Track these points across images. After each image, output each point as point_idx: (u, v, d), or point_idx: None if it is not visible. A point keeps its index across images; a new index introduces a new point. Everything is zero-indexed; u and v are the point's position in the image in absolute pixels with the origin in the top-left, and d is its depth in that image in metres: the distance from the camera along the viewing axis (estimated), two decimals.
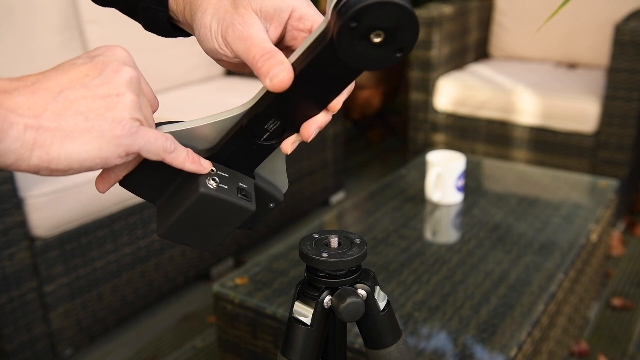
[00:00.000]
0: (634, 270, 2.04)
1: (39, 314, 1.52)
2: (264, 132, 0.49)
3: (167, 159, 0.46)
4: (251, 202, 0.51)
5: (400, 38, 0.42)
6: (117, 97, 0.42)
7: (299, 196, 2.32)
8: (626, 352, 1.66)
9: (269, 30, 0.49)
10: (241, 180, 0.51)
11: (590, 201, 1.66)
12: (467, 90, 2.45)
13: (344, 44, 0.42)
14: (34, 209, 1.48)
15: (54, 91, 0.40)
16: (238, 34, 0.47)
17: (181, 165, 0.47)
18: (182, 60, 2.44)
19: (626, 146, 2.17)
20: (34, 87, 0.40)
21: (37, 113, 0.39)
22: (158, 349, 1.72)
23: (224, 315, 1.24)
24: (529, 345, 1.10)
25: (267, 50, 0.45)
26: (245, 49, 0.47)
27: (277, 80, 0.44)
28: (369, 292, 0.58)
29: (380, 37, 0.41)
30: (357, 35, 0.41)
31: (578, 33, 2.61)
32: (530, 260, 1.31)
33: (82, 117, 0.40)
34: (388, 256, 1.32)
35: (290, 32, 0.51)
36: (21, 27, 1.96)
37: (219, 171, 0.50)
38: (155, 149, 0.44)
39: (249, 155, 0.51)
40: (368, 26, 0.41)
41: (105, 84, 0.42)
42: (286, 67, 0.44)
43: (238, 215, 0.50)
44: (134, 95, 0.43)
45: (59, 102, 0.40)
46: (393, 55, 0.43)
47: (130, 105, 0.42)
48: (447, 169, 1.52)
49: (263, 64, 0.45)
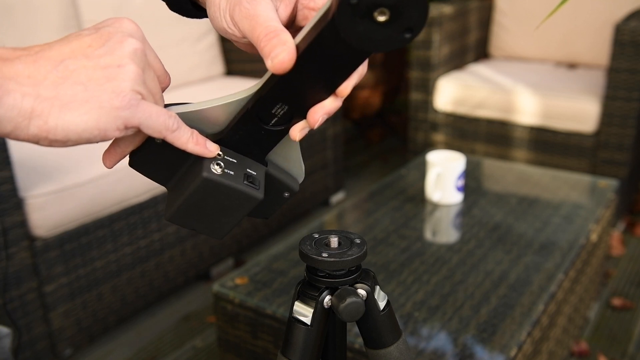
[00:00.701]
0: (634, 270, 2.04)
1: (39, 314, 1.52)
2: (271, 116, 0.47)
3: (168, 137, 0.44)
4: (259, 189, 0.48)
5: (408, 17, 0.38)
6: (118, 67, 0.41)
7: (299, 196, 2.32)
8: (626, 352, 1.66)
9: (279, 9, 0.47)
10: (251, 167, 0.49)
11: (590, 201, 1.66)
12: (467, 90, 2.45)
13: (345, 23, 0.39)
14: (34, 209, 1.48)
15: (55, 60, 0.40)
16: (245, 12, 0.45)
17: (184, 145, 0.46)
18: (182, 60, 2.44)
19: (626, 146, 2.17)
20: (36, 57, 0.40)
21: (36, 82, 0.38)
22: (158, 349, 1.72)
23: (224, 315, 1.24)
24: (529, 345, 1.10)
25: (271, 30, 0.43)
26: (251, 27, 0.45)
27: (277, 60, 0.42)
28: (369, 292, 0.58)
29: (385, 15, 0.38)
30: (358, 13, 0.38)
31: (578, 33, 2.61)
32: (530, 260, 1.31)
33: (82, 87, 0.40)
34: (388, 256, 1.32)
35: (302, 12, 0.49)
36: (21, 27, 1.96)
37: (226, 156, 0.48)
38: (157, 125, 0.43)
39: (257, 140, 0.49)
40: (370, 2, 0.38)
41: (108, 54, 0.41)
42: (288, 47, 0.42)
43: (244, 203, 0.48)
44: (136, 67, 0.41)
45: (59, 72, 0.39)
46: (401, 35, 0.39)
47: (131, 76, 0.41)
48: (447, 169, 1.52)
49: (266, 43, 0.43)
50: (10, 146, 1.43)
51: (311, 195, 2.40)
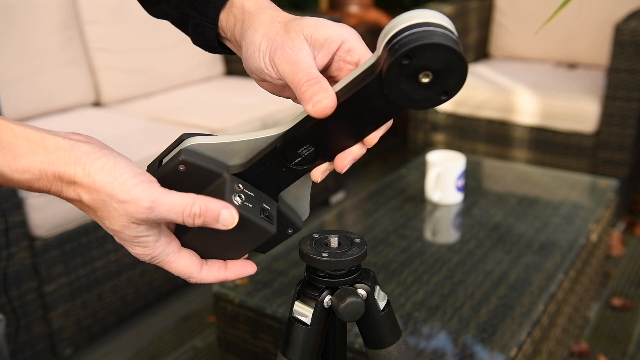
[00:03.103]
0: (634, 270, 2.04)
1: (39, 314, 1.52)
2: (296, 156, 0.49)
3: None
4: (273, 224, 0.50)
5: (447, 81, 0.42)
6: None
7: None
8: (626, 352, 1.66)
9: (317, 57, 0.50)
10: (265, 202, 0.51)
11: (590, 201, 1.66)
12: (467, 90, 2.45)
13: (392, 80, 0.42)
14: (34, 209, 1.48)
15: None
16: (286, 56, 0.48)
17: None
18: (182, 60, 2.44)
19: (626, 146, 2.17)
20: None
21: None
22: (158, 349, 1.72)
23: (224, 315, 1.24)
24: (529, 345, 1.10)
25: (313, 76, 0.46)
26: (292, 72, 0.47)
27: (321, 106, 0.45)
28: (369, 292, 0.58)
29: (429, 77, 0.42)
30: (406, 73, 0.42)
31: (578, 33, 2.61)
32: (530, 260, 1.31)
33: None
34: (388, 256, 1.32)
35: (337, 63, 0.52)
36: (21, 26, 1.96)
37: (245, 189, 0.50)
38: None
39: (276, 178, 0.51)
40: (419, 65, 0.41)
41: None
42: (330, 95, 0.45)
43: (258, 236, 0.50)
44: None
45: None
46: (438, 97, 0.43)
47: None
48: (447, 169, 1.52)
49: (308, 88, 0.46)
50: None
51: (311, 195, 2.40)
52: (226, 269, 0.52)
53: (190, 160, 0.48)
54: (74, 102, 2.13)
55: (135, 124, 2.02)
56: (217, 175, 0.49)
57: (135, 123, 2.03)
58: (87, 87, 2.17)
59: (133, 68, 2.30)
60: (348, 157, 0.49)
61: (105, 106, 2.25)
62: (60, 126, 1.96)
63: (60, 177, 0.44)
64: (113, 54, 2.24)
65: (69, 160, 0.43)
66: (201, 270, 0.51)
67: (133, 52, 2.29)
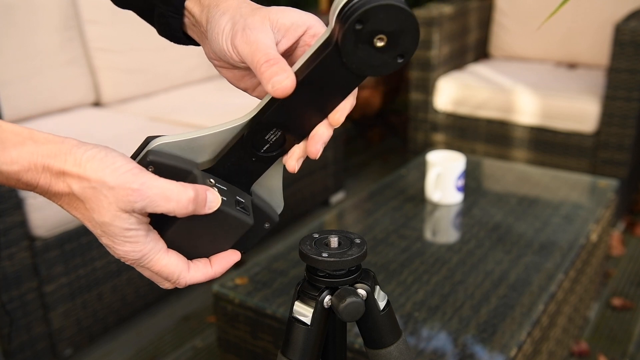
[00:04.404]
0: (634, 270, 2.04)
1: (39, 314, 1.52)
2: (264, 143, 0.49)
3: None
4: (249, 215, 0.50)
5: (402, 43, 0.43)
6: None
7: (299, 196, 2.32)
8: (626, 352, 1.66)
9: (281, 42, 0.50)
10: (239, 195, 0.51)
11: (590, 201, 1.66)
12: (467, 90, 2.45)
13: (349, 48, 0.43)
14: (34, 209, 1.48)
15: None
16: (245, 38, 0.48)
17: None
18: (182, 60, 2.44)
19: (626, 146, 2.17)
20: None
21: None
22: (158, 349, 1.72)
23: (224, 315, 1.24)
24: (529, 345, 1.10)
25: (271, 57, 0.47)
26: (251, 52, 0.48)
27: (280, 86, 0.45)
28: (369, 292, 0.58)
29: (383, 41, 0.42)
30: (361, 39, 0.42)
31: (578, 33, 2.61)
32: (530, 260, 1.31)
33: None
34: (388, 256, 1.32)
35: (302, 48, 0.52)
36: (21, 26, 1.96)
37: (217, 184, 0.49)
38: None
39: (247, 168, 0.51)
40: (372, 29, 0.42)
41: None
42: (289, 75, 0.45)
43: (236, 229, 0.50)
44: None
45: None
46: (394, 61, 0.44)
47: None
48: (447, 169, 1.52)
49: (267, 68, 0.46)
50: None
51: (311, 195, 2.40)
52: (212, 265, 0.52)
53: (158, 161, 0.48)
54: (74, 102, 2.13)
55: (135, 124, 2.02)
56: (187, 173, 0.48)
57: (135, 123, 2.03)
58: (87, 87, 2.17)
59: (133, 68, 2.30)
60: (319, 142, 0.49)
61: (105, 106, 2.25)
62: (60, 126, 1.97)
63: (50, 168, 0.43)
64: (113, 54, 2.24)
65: (59, 152, 0.43)
66: (189, 269, 0.50)
67: (133, 52, 2.29)
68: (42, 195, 0.45)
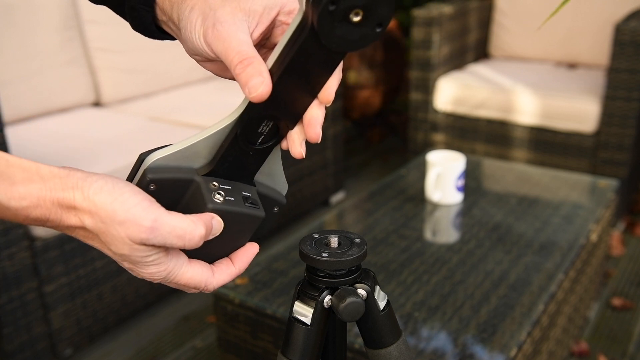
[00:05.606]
0: (634, 270, 2.04)
1: (39, 314, 1.52)
2: (258, 135, 0.49)
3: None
4: (259, 208, 0.50)
5: (378, 12, 0.42)
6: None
7: (299, 196, 2.32)
8: (626, 352, 1.66)
9: (256, 28, 0.49)
10: (244, 190, 0.51)
11: (590, 201, 1.66)
12: (467, 90, 2.45)
13: (326, 29, 0.42)
14: None
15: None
16: (217, 34, 0.47)
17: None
18: (182, 60, 2.44)
19: (626, 146, 2.17)
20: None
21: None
22: (158, 349, 1.72)
23: (224, 315, 1.24)
24: (529, 345, 1.10)
25: (244, 56, 0.45)
26: (224, 50, 0.46)
27: (256, 93, 0.44)
28: (369, 292, 0.58)
29: (359, 15, 0.42)
30: (337, 18, 0.41)
31: (578, 33, 2.61)
32: (530, 260, 1.31)
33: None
34: (388, 256, 1.32)
35: (279, 27, 0.51)
36: (21, 26, 1.96)
37: (221, 185, 0.49)
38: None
39: (246, 163, 0.51)
40: (346, 6, 0.41)
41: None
42: (264, 79, 0.44)
43: (250, 224, 0.50)
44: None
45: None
46: (373, 31, 0.43)
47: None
48: (447, 169, 1.52)
49: (241, 70, 0.45)
50: (9, 147, 1.43)
51: (311, 195, 2.40)
52: (234, 264, 0.52)
53: (157, 177, 0.47)
54: (74, 102, 2.13)
55: (135, 124, 2.02)
56: (189, 182, 0.48)
57: (135, 123, 2.03)
58: (87, 87, 2.17)
59: (133, 68, 2.30)
60: (316, 125, 0.48)
61: (105, 106, 2.25)
62: (60, 126, 1.97)
63: (60, 202, 0.43)
64: (113, 54, 2.24)
65: (65, 186, 0.43)
66: (214, 274, 0.50)
67: (133, 52, 2.29)
68: (55, 229, 0.45)
